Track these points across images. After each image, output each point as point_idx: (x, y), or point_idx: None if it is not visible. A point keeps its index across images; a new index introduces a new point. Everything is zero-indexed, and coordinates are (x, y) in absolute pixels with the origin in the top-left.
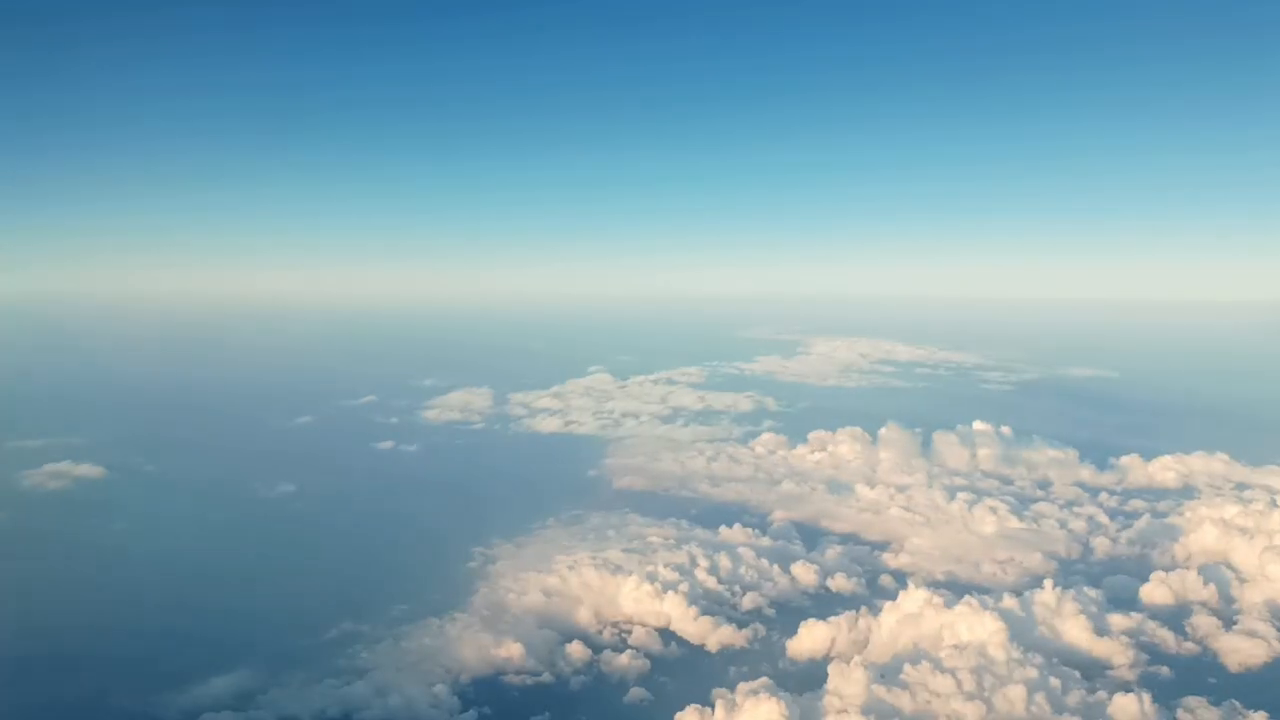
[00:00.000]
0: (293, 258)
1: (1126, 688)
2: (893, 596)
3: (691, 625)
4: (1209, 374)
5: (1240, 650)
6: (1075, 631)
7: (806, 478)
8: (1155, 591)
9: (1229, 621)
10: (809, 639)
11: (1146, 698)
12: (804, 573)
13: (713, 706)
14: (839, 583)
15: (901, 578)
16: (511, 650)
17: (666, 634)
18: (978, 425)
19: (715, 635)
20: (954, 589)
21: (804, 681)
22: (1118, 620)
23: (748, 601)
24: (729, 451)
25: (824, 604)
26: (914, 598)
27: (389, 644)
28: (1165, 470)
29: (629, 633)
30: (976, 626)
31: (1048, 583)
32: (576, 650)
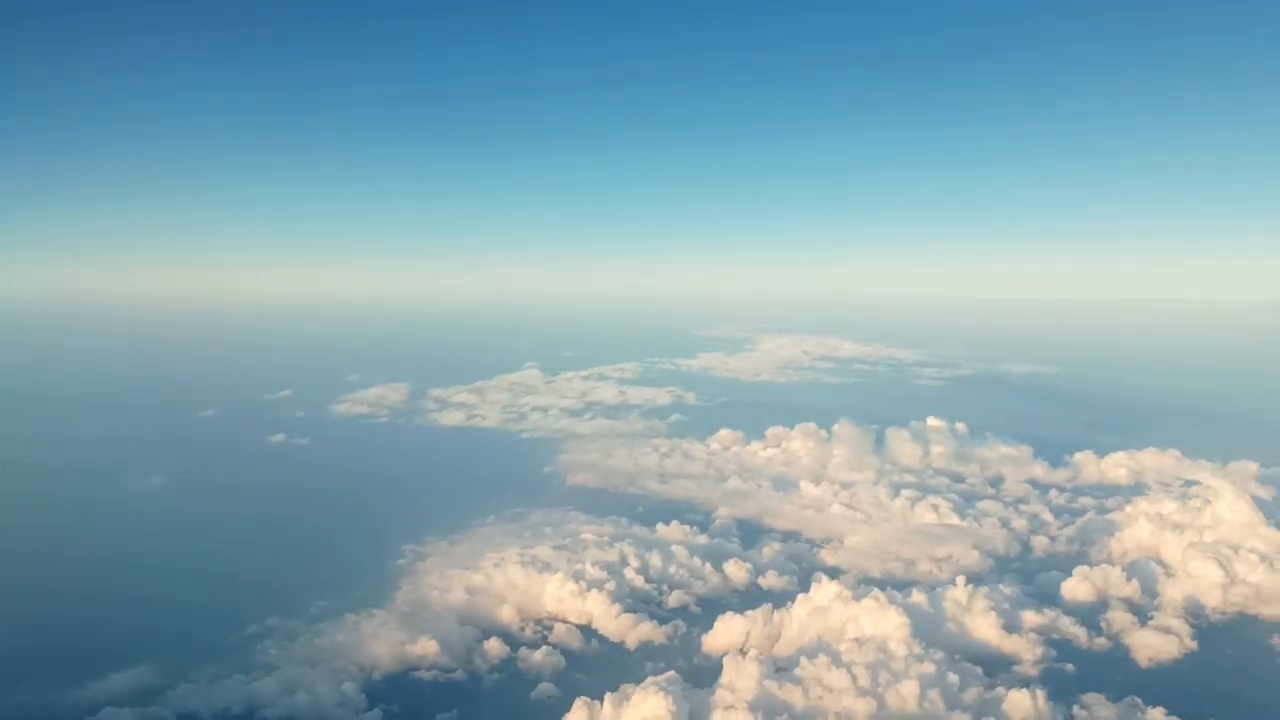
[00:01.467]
0: (277, 255)
1: (1029, 684)
2: None
3: (612, 623)
4: (1164, 371)
5: (1152, 646)
6: (985, 628)
7: (756, 474)
8: (1077, 588)
9: (1146, 618)
10: (725, 633)
11: (1041, 694)
12: (736, 570)
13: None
14: (770, 580)
15: (835, 575)
16: (427, 647)
17: (588, 631)
18: (931, 421)
19: (635, 632)
20: (888, 587)
21: (716, 676)
22: (1031, 617)
23: (674, 600)
24: (684, 448)
25: (753, 601)
26: (824, 591)
27: (304, 640)
28: (1117, 467)
29: (550, 630)
30: (880, 621)
31: (960, 579)
32: (494, 647)
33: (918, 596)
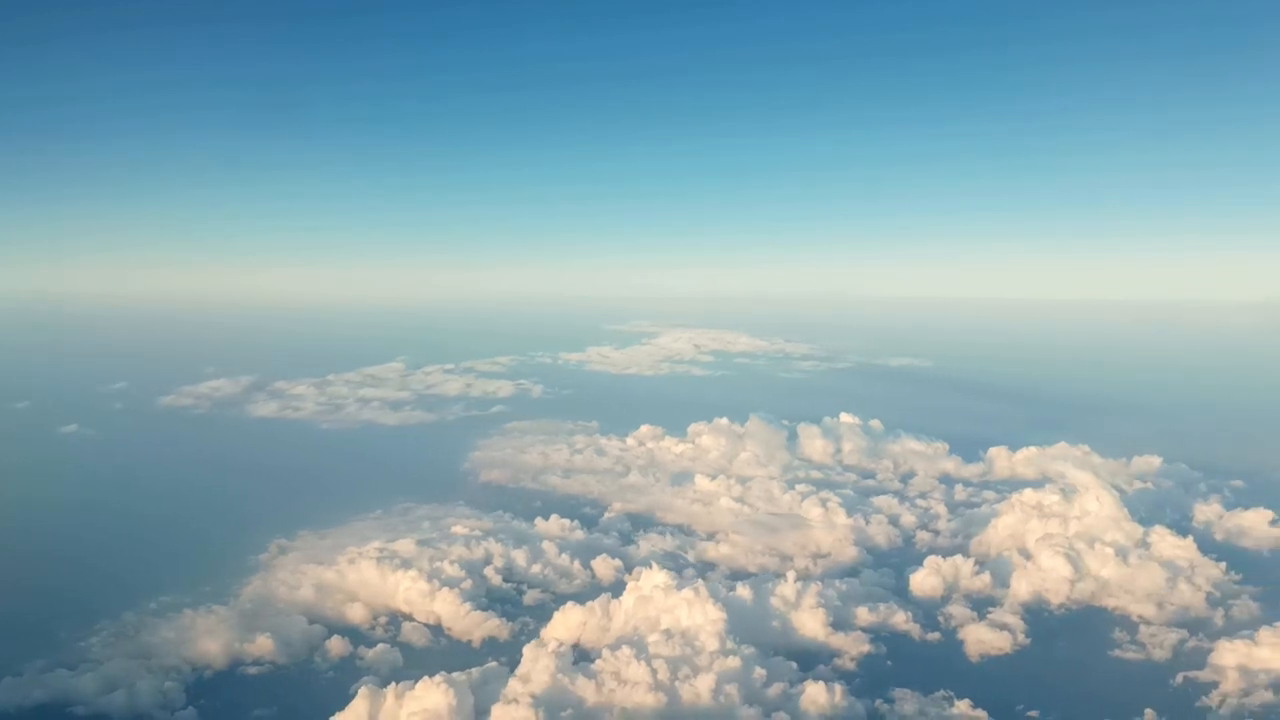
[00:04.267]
0: (248, 254)
1: (845, 678)
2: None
3: (460, 621)
4: (1091, 368)
5: (984, 641)
6: (811, 623)
7: (661, 470)
8: (924, 581)
9: (986, 612)
10: (562, 625)
11: (840, 688)
12: (603, 567)
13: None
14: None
15: (706, 570)
16: (263, 645)
17: (438, 629)
18: (844, 418)
19: (482, 629)
20: (761, 580)
21: None
22: (864, 613)
23: (530, 598)
24: (600, 443)
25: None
26: (651, 580)
27: (133, 636)
28: (1027, 462)
29: (398, 628)
30: (696, 613)
31: (790, 573)
32: (337, 645)
33: (743, 590)
